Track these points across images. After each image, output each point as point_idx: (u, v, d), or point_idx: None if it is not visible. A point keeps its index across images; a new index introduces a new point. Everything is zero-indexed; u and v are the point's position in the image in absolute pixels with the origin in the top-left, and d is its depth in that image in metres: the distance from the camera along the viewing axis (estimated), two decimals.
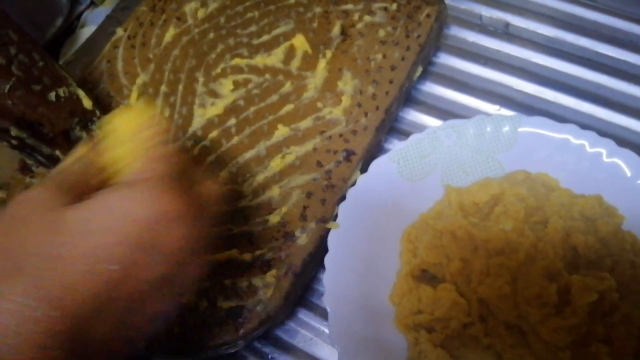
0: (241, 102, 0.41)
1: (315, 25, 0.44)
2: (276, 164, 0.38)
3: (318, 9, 0.44)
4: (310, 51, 0.42)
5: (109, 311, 0.24)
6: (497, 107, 0.44)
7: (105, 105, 0.42)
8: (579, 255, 0.33)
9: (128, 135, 0.28)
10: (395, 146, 0.39)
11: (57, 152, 0.37)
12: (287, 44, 0.43)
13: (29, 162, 0.40)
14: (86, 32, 0.55)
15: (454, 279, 0.34)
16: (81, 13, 0.57)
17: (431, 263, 0.36)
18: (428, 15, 0.43)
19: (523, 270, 0.33)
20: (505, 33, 0.48)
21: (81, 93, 0.39)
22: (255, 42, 0.44)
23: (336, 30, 0.43)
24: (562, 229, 0.34)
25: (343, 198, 0.37)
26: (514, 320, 0.32)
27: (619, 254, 0.34)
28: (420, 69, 0.43)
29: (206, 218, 0.28)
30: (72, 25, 0.57)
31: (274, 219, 0.36)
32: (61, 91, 0.37)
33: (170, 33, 0.45)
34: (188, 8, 0.46)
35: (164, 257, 0.26)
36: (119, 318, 0.25)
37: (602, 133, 0.38)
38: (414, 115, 0.45)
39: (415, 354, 0.33)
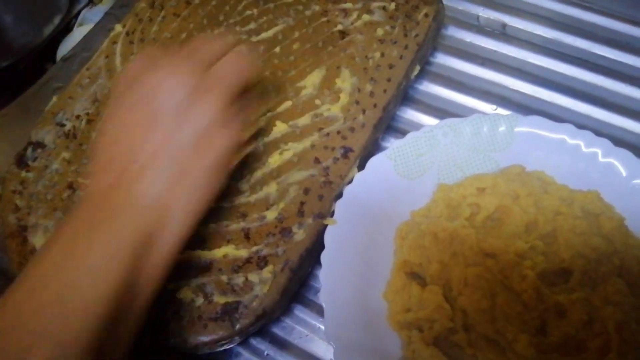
0: None
1: (314, 23, 0.44)
2: (274, 160, 0.38)
3: (317, 7, 0.44)
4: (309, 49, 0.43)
5: None
6: (494, 106, 0.45)
7: (103, 100, 0.42)
8: (578, 263, 0.33)
9: None
10: (392, 144, 0.40)
11: None
12: (286, 42, 0.43)
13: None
14: (84, 31, 0.55)
15: (434, 282, 0.34)
16: (79, 11, 0.57)
17: (413, 263, 0.36)
18: (426, 15, 0.43)
19: (504, 284, 0.33)
20: (503, 34, 0.48)
21: None
22: (254, 39, 0.44)
23: (335, 28, 0.43)
24: (565, 234, 0.34)
25: (340, 195, 0.37)
26: (492, 335, 0.32)
27: (625, 251, 0.34)
28: (417, 68, 0.44)
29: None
30: (70, 24, 0.57)
31: (271, 214, 0.36)
32: None
33: (168, 29, 0.45)
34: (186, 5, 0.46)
35: None
36: None
37: (599, 133, 0.38)
38: (411, 114, 0.45)
39: (409, 353, 0.33)
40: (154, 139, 0.31)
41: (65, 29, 0.57)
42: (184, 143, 0.31)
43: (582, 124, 0.42)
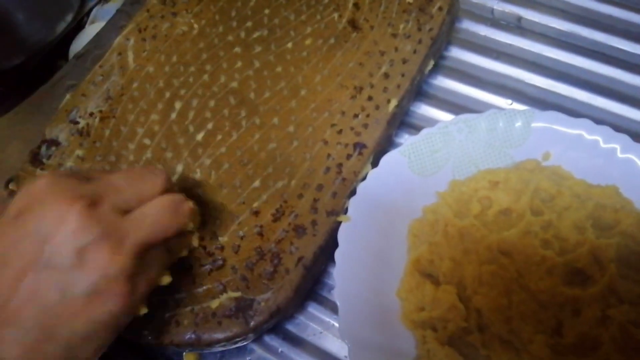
0: (252, 95, 0.41)
1: (326, 18, 0.43)
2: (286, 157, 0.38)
3: (329, 2, 0.44)
4: (321, 45, 0.42)
5: None
6: (510, 101, 0.44)
7: (116, 97, 0.42)
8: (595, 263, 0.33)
9: None
10: (407, 140, 0.39)
11: None
12: (298, 37, 0.43)
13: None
14: (96, 28, 0.55)
15: (447, 280, 0.34)
16: (91, 9, 0.58)
17: (426, 260, 0.35)
18: (440, 8, 0.42)
19: (520, 282, 0.32)
20: (518, 27, 0.47)
21: None
22: (265, 34, 0.43)
23: (347, 23, 0.43)
24: (579, 231, 0.33)
25: (354, 192, 0.37)
26: (506, 336, 0.32)
27: None
28: (432, 63, 0.43)
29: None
30: (82, 22, 0.57)
31: (284, 211, 0.36)
32: None
33: (181, 26, 0.45)
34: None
35: None
36: None
37: (617, 128, 0.37)
38: (425, 110, 0.44)
39: (424, 352, 0.33)
40: (27, 288, 0.26)
41: (77, 26, 0.57)
42: (65, 299, 0.26)
43: (600, 118, 0.41)
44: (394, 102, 0.40)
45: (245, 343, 0.36)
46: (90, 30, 0.55)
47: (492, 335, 0.32)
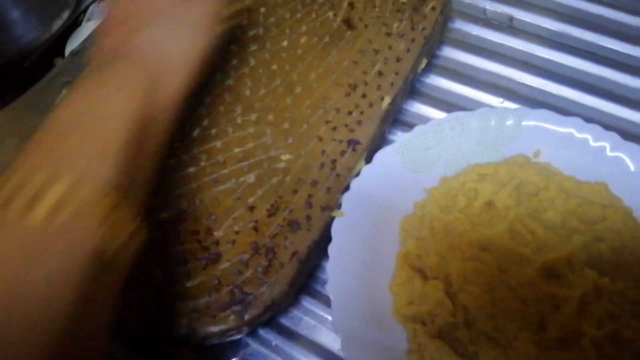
0: (247, 92, 0.41)
1: (321, 17, 0.44)
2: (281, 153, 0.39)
3: (324, 1, 0.45)
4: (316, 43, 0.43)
5: None
6: (501, 99, 0.45)
7: None
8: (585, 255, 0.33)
9: None
10: (400, 137, 0.40)
11: None
12: (293, 35, 0.43)
13: None
14: (93, 25, 0.55)
15: (433, 275, 0.34)
16: (87, 7, 0.58)
17: (414, 255, 0.35)
18: (433, 8, 0.43)
19: (502, 279, 0.32)
20: (510, 27, 0.48)
21: None
22: (261, 32, 0.44)
23: (342, 21, 0.43)
24: (561, 226, 0.34)
25: (348, 187, 0.38)
26: (492, 332, 0.32)
27: (633, 244, 0.33)
28: (425, 61, 0.44)
29: None
30: (78, 19, 0.57)
31: (279, 206, 0.37)
32: None
33: None
34: None
35: None
36: None
37: (607, 126, 0.38)
38: (418, 108, 0.45)
39: (415, 346, 0.33)
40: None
41: (74, 24, 0.57)
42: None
43: (589, 117, 0.41)
44: (387, 100, 0.40)
45: (239, 336, 0.36)
46: (87, 28, 0.55)
47: (479, 332, 0.32)
